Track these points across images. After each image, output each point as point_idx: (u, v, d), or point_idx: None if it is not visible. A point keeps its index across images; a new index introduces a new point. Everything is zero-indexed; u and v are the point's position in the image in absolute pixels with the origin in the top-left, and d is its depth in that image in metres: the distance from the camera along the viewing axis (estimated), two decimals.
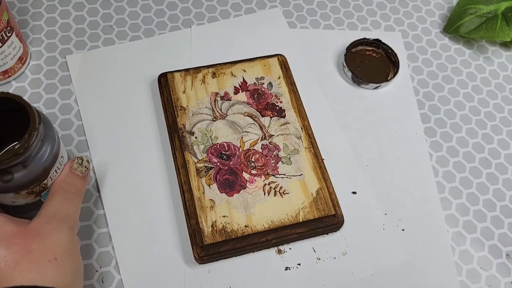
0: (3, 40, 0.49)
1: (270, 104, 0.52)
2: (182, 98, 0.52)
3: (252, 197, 0.47)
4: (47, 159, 0.38)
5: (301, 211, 0.46)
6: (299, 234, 0.46)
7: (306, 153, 0.50)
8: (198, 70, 0.54)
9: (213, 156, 0.48)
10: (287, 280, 0.45)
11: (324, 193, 0.47)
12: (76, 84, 0.54)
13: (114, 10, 0.60)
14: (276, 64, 0.55)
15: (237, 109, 0.52)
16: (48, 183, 0.40)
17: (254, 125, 0.51)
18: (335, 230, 0.47)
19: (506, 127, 0.57)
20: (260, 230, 0.45)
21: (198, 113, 0.51)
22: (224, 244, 0.44)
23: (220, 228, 0.45)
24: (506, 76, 0.61)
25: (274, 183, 0.48)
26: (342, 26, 0.62)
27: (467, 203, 0.52)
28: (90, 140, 0.51)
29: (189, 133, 0.50)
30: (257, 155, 0.49)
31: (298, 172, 0.48)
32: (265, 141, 0.50)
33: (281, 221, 0.46)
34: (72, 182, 0.40)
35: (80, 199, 0.40)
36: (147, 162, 0.50)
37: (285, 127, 0.51)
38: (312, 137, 0.51)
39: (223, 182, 0.47)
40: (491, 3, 0.59)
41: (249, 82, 0.54)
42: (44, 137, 0.38)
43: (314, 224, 0.46)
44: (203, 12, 0.61)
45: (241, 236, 0.45)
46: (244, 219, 0.45)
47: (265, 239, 0.45)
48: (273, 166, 0.49)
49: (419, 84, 0.59)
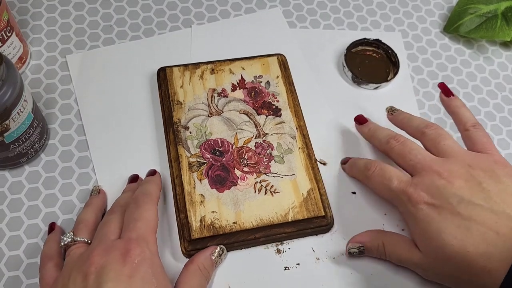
0: (3, 40, 0.49)
1: (266, 103, 0.52)
2: (179, 92, 0.52)
3: (242, 194, 0.47)
4: (8, 99, 0.40)
5: (291, 210, 0.46)
6: (287, 233, 0.46)
7: (300, 153, 0.50)
8: (197, 66, 0.54)
9: (206, 151, 0.49)
10: (286, 280, 0.45)
11: (315, 194, 0.47)
12: (76, 84, 0.54)
13: (114, 10, 0.60)
14: (275, 63, 0.55)
15: (234, 106, 0.52)
16: (10, 124, 0.42)
17: (249, 123, 0.51)
18: (325, 231, 0.47)
19: (506, 127, 0.57)
20: (248, 227, 0.45)
21: (194, 108, 0.51)
22: (212, 239, 0.44)
23: (209, 224, 0.45)
24: (506, 76, 0.61)
25: (265, 182, 0.48)
26: (342, 26, 0.62)
27: None
28: (90, 140, 0.51)
29: (184, 128, 0.50)
30: (250, 152, 0.49)
31: (290, 171, 0.48)
32: (259, 139, 0.50)
33: (270, 220, 0.46)
34: (208, 268, 0.42)
35: (206, 283, 0.42)
36: (147, 161, 0.50)
37: (280, 126, 0.51)
38: (307, 137, 0.51)
39: (214, 178, 0.47)
40: (491, 3, 0.59)
41: (247, 80, 0.54)
42: (6, 78, 0.40)
43: (303, 224, 0.46)
44: (203, 12, 0.61)
45: (229, 232, 0.45)
46: (233, 216, 0.45)
47: (253, 236, 0.45)
48: (265, 164, 0.49)
49: (419, 84, 0.59)
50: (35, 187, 0.48)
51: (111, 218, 0.41)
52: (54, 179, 0.49)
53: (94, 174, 0.49)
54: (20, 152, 0.46)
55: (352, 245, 0.45)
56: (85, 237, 0.41)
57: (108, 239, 0.38)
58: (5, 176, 0.48)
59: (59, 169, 0.49)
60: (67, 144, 0.51)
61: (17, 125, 0.43)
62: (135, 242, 0.37)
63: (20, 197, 0.47)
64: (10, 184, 0.48)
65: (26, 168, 0.49)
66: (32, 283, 0.44)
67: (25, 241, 0.45)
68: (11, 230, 0.46)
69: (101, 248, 0.37)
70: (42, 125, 0.48)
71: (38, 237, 0.46)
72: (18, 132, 0.44)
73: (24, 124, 0.44)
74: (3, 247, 0.45)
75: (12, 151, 0.45)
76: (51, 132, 0.51)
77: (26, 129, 0.45)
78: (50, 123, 0.52)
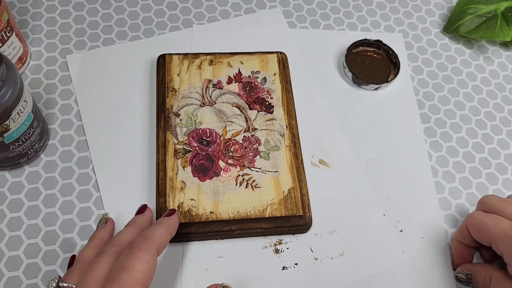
0: (3, 40, 0.49)
1: (260, 99, 0.53)
2: (175, 80, 0.52)
3: (223, 185, 0.47)
4: (8, 100, 0.40)
5: (269, 207, 0.46)
6: (263, 229, 0.46)
7: (286, 151, 0.50)
8: (197, 56, 0.54)
9: (193, 140, 0.49)
10: (284, 279, 0.45)
11: (296, 193, 0.47)
12: (76, 84, 0.54)
13: (114, 10, 0.60)
14: (275, 60, 0.55)
15: (227, 98, 0.52)
16: (10, 125, 0.42)
17: (240, 116, 0.51)
18: (302, 231, 0.47)
19: (506, 127, 0.57)
20: (224, 218, 0.45)
21: (188, 97, 0.52)
22: (187, 226, 0.45)
23: (186, 210, 0.45)
24: (506, 76, 0.60)
25: (248, 176, 0.48)
26: (342, 26, 0.62)
27: (466, 203, 0.52)
28: (90, 140, 0.51)
29: (175, 115, 0.50)
30: (236, 145, 0.49)
31: (274, 168, 0.49)
32: (248, 134, 0.50)
33: (247, 213, 0.46)
34: None
35: None
36: (147, 161, 0.50)
37: (271, 123, 0.51)
38: (297, 137, 0.51)
39: (198, 167, 0.48)
40: (491, 3, 0.59)
41: (244, 74, 0.54)
42: (6, 78, 0.40)
43: (280, 221, 0.46)
44: (203, 12, 0.61)
45: (204, 221, 0.45)
46: (211, 205, 0.46)
47: (228, 228, 0.45)
48: (250, 158, 0.49)
49: (419, 84, 0.59)
50: (35, 187, 0.48)
51: (99, 261, 0.34)
52: (54, 179, 0.49)
53: (94, 174, 0.49)
54: (20, 152, 0.46)
55: (462, 270, 0.44)
56: (75, 281, 0.34)
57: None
58: (5, 176, 0.48)
59: (59, 169, 0.49)
60: (67, 144, 0.51)
61: (17, 126, 0.43)
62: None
63: (20, 197, 0.48)
64: (10, 184, 0.48)
65: (26, 168, 0.49)
66: (32, 283, 0.44)
67: (25, 241, 0.46)
68: (11, 230, 0.46)
69: None
70: (42, 125, 0.48)
71: (38, 237, 0.46)
72: (18, 132, 0.44)
73: (24, 125, 0.44)
74: (3, 247, 0.45)
75: (12, 151, 0.45)
76: (51, 132, 0.51)
77: (26, 129, 0.45)
78: (50, 123, 0.52)
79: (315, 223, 0.48)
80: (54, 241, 0.46)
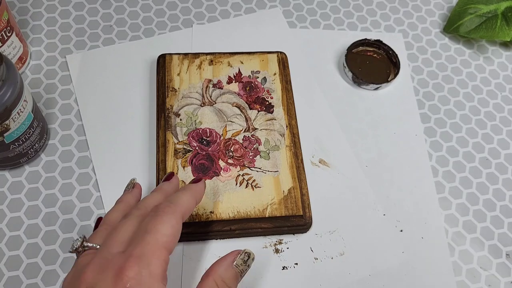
0: (3, 40, 0.49)
1: (260, 98, 0.53)
2: (176, 80, 0.52)
3: (223, 185, 0.47)
4: (8, 99, 0.40)
5: (269, 206, 0.46)
6: (263, 229, 0.46)
7: (286, 151, 0.50)
8: (197, 55, 0.54)
9: (193, 139, 0.49)
10: (284, 279, 0.45)
11: (296, 193, 0.47)
12: (76, 84, 0.54)
13: (114, 10, 0.60)
14: (275, 60, 0.55)
15: (227, 98, 0.52)
16: (10, 124, 0.42)
17: (240, 116, 0.51)
18: (302, 231, 0.47)
19: (506, 127, 0.57)
20: (224, 218, 0.45)
21: (188, 97, 0.52)
22: (187, 226, 0.44)
23: None
24: (506, 76, 0.60)
25: (248, 175, 0.48)
26: (342, 26, 0.62)
27: (467, 203, 0.52)
28: (90, 140, 0.51)
29: (175, 114, 0.50)
30: (237, 145, 0.49)
31: (274, 168, 0.49)
32: (248, 133, 0.50)
33: (247, 213, 0.46)
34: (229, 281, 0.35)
35: None
36: (146, 161, 0.50)
37: (271, 122, 0.51)
38: (297, 136, 0.51)
39: (198, 166, 0.48)
40: (491, 3, 0.59)
41: (244, 74, 0.54)
42: (6, 78, 0.40)
43: (280, 221, 0.46)
44: (203, 12, 0.61)
45: (204, 221, 0.45)
46: (211, 205, 0.46)
47: (228, 228, 0.45)
48: (250, 158, 0.49)
49: (419, 84, 0.59)
50: (35, 187, 0.48)
51: (124, 223, 0.34)
52: (54, 179, 0.49)
53: (94, 174, 0.49)
54: (20, 152, 0.46)
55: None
56: (100, 242, 0.34)
57: (110, 252, 0.32)
58: (5, 176, 0.48)
59: (59, 169, 0.49)
60: (67, 144, 0.51)
61: (17, 125, 0.43)
62: (133, 261, 0.30)
63: (20, 197, 0.48)
64: (10, 184, 0.48)
65: (26, 168, 0.49)
66: (32, 283, 0.44)
67: (25, 241, 0.46)
68: (11, 230, 0.46)
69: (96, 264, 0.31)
70: (42, 125, 0.48)
71: (38, 237, 0.46)
72: (18, 132, 0.44)
73: (24, 124, 0.44)
74: (3, 247, 0.45)
75: (12, 151, 0.45)
76: (51, 132, 0.51)
77: (26, 129, 0.45)
78: (50, 123, 0.52)
79: (315, 223, 0.48)
80: (54, 241, 0.46)
